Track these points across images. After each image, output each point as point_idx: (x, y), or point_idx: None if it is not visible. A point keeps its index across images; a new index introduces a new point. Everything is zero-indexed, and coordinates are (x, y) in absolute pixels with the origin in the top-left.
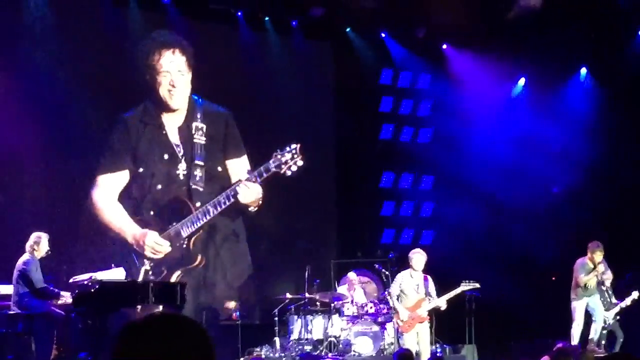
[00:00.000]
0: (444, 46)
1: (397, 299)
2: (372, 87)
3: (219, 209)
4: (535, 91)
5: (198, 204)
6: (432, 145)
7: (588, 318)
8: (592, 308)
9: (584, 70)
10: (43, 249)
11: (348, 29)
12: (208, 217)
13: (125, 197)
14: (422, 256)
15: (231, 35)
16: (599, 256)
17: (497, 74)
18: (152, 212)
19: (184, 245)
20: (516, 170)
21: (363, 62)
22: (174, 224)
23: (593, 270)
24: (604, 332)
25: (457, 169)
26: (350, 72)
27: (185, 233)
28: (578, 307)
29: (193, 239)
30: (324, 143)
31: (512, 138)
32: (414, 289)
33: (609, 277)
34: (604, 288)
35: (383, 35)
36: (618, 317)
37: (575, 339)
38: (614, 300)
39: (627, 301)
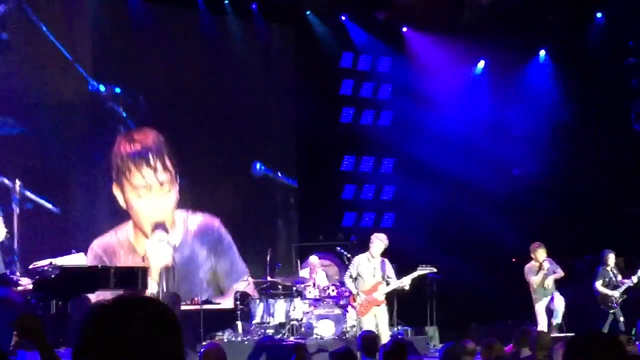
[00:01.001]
0: (404, 29)
1: (354, 282)
2: (332, 71)
3: None
4: (495, 74)
5: None
6: (393, 128)
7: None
8: (554, 309)
9: (542, 53)
10: (0, 232)
11: (308, 12)
12: None
13: None
14: (382, 243)
15: (191, 19)
16: (541, 254)
17: (457, 57)
18: None
19: None
20: (477, 153)
21: (323, 46)
22: None
23: (539, 269)
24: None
25: (418, 152)
26: (311, 55)
27: None
28: (539, 309)
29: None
30: (285, 127)
31: (472, 121)
32: (371, 273)
33: (559, 274)
34: (608, 268)
35: (343, 18)
36: (625, 296)
37: None
38: (620, 279)
39: (634, 279)
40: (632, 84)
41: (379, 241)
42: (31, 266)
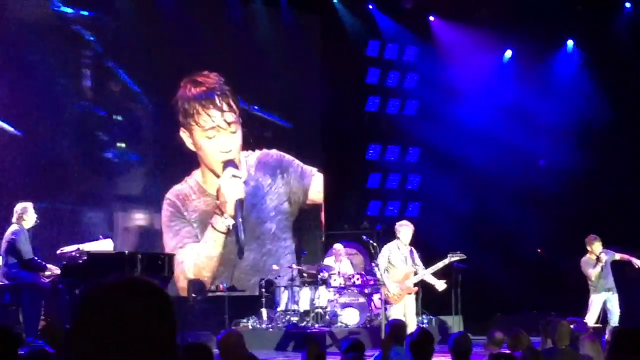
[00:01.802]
0: (431, 18)
1: (385, 271)
2: (358, 59)
3: None
4: (522, 63)
5: None
6: (419, 117)
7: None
8: (609, 309)
9: (570, 43)
10: (31, 218)
11: (335, 1)
12: None
13: None
14: (409, 229)
15: (219, 8)
16: (597, 247)
17: (484, 46)
18: None
19: None
20: (503, 143)
21: (350, 34)
22: None
23: (597, 262)
24: None
25: (444, 142)
26: (337, 43)
27: None
28: (595, 300)
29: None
30: (311, 115)
31: (499, 110)
32: (402, 261)
33: (623, 256)
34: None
35: (370, 7)
36: None
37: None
38: None
39: None
40: None
41: (407, 227)
42: (59, 251)
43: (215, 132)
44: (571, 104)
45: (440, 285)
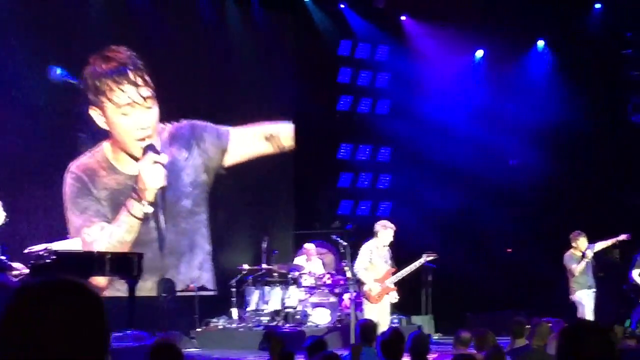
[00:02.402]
0: (403, 17)
1: (364, 270)
2: (330, 58)
3: None
4: (493, 63)
5: None
6: (390, 117)
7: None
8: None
9: (541, 43)
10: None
11: (307, 0)
12: None
13: None
14: (391, 231)
15: (190, 7)
16: (583, 243)
17: (455, 46)
18: None
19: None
20: (474, 142)
21: (322, 33)
22: None
23: (582, 258)
24: None
25: (415, 141)
26: (309, 43)
27: None
28: (584, 297)
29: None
30: (283, 114)
31: (470, 110)
32: (383, 260)
33: (606, 242)
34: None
35: (342, 6)
36: None
37: None
38: None
39: None
40: (629, 75)
41: (389, 230)
42: (26, 251)
43: (130, 109)
44: (542, 103)
45: (407, 272)
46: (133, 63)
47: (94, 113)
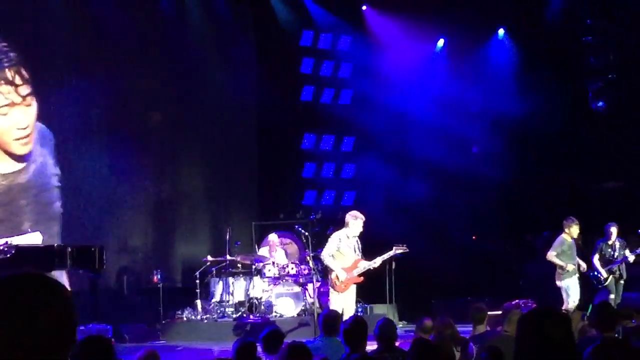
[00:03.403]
0: (364, 7)
1: (331, 257)
2: (292, 49)
3: None
4: (454, 52)
5: None
6: (353, 106)
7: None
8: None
9: (501, 31)
10: None
11: None
12: None
13: None
14: (361, 221)
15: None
16: (575, 230)
17: (416, 35)
18: None
19: None
20: (436, 131)
21: (283, 24)
22: None
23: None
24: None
25: (378, 131)
26: (271, 34)
27: None
28: (572, 284)
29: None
30: (246, 105)
31: (432, 99)
32: (352, 249)
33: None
34: (610, 242)
35: None
36: (618, 273)
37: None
38: (622, 254)
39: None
40: (589, 62)
41: (359, 220)
42: None
43: (8, 109)
44: (503, 91)
45: (378, 261)
46: (7, 58)
47: None
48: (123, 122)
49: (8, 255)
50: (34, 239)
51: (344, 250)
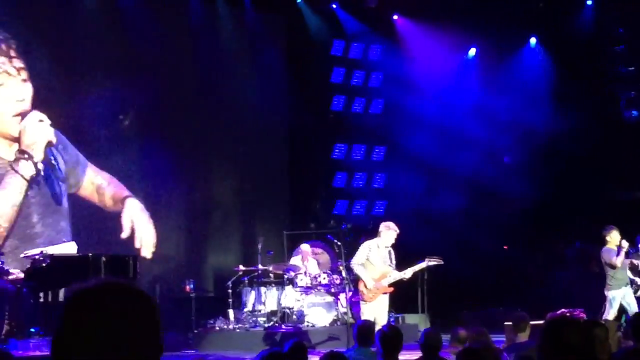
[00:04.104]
0: (395, 17)
1: (361, 266)
2: (323, 58)
3: None
4: (486, 61)
5: None
6: (384, 116)
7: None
8: (627, 302)
9: (533, 40)
10: None
11: (299, 0)
12: None
13: None
14: (394, 233)
15: (182, 8)
16: (616, 236)
17: (448, 44)
18: None
19: None
20: (468, 141)
21: (314, 34)
22: None
23: (620, 249)
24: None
25: (409, 140)
26: (302, 43)
27: None
28: (617, 297)
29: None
30: (277, 115)
31: (463, 108)
32: (382, 260)
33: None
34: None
35: (334, 6)
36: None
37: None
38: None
39: None
40: (621, 71)
41: (392, 232)
42: (22, 255)
43: (4, 79)
44: (535, 100)
45: (409, 273)
46: (2, 34)
47: None
48: (155, 131)
49: (44, 265)
50: (68, 248)
51: (373, 260)
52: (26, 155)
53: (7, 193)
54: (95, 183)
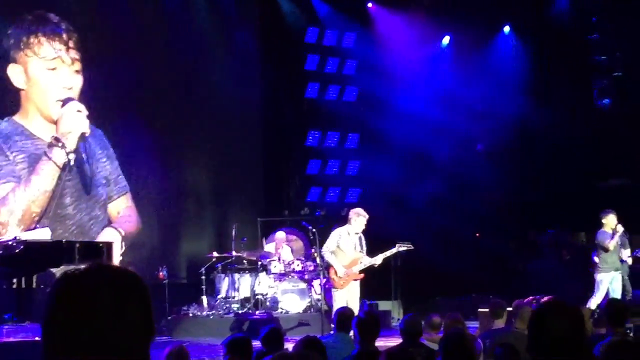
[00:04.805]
0: (370, 4)
1: (332, 254)
2: (297, 46)
3: None
4: (460, 49)
5: None
6: (358, 103)
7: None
8: (613, 288)
9: (507, 28)
10: None
11: None
12: None
13: None
14: (364, 219)
15: None
16: (613, 219)
17: (422, 33)
18: None
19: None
20: (441, 128)
21: (288, 20)
22: None
23: (614, 234)
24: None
25: (383, 128)
26: (276, 30)
27: None
28: (604, 280)
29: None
30: (250, 102)
31: (437, 96)
32: (352, 247)
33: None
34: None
35: None
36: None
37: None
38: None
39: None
40: (595, 59)
41: (362, 218)
42: None
43: (57, 64)
44: (508, 88)
45: (379, 259)
46: (67, 28)
47: (13, 71)
48: (127, 117)
49: (17, 251)
50: (42, 234)
51: (344, 247)
52: (60, 144)
53: (40, 179)
54: (121, 213)
